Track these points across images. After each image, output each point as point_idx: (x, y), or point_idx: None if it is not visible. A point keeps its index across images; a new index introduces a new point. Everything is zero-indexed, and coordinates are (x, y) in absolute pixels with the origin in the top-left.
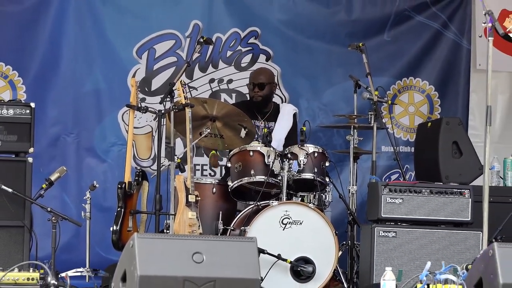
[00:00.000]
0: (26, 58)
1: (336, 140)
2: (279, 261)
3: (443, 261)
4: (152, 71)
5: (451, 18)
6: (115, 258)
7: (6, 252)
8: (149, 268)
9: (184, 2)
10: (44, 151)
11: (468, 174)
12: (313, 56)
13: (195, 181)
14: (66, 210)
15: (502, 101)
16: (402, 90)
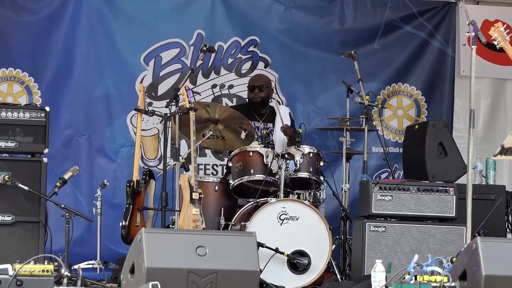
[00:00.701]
0: (41, 65)
1: (330, 141)
2: (277, 254)
3: (429, 254)
4: (159, 77)
5: (436, 28)
6: (124, 251)
7: (23, 245)
8: (156, 260)
9: (188, 13)
10: (58, 152)
11: (453, 173)
12: (309, 63)
13: (198, 179)
14: (78, 206)
15: (484, 106)
16: (391, 95)
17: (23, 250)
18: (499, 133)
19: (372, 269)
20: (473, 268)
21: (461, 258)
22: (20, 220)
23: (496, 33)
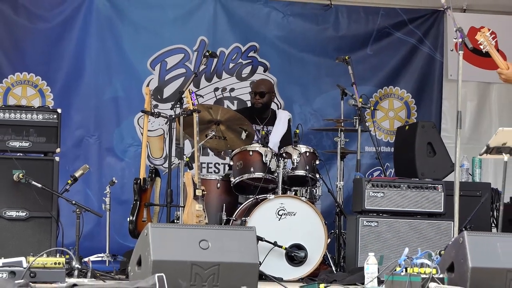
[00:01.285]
0: (53, 69)
1: (325, 141)
2: (275, 248)
3: (419, 247)
4: (164, 81)
5: (426, 34)
6: (132, 245)
7: (36, 239)
8: (161, 253)
9: (192, 21)
10: (69, 151)
11: (441, 171)
12: (305, 68)
13: (201, 177)
14: (88, 202)
15: (470, 107)
16: (383, 97)
17: (36, 243)
18: (484, 133)
19: (365, 261)
20: (460, 261)
21: (449, 251)
22: (34, 216)
23: (482, 38)
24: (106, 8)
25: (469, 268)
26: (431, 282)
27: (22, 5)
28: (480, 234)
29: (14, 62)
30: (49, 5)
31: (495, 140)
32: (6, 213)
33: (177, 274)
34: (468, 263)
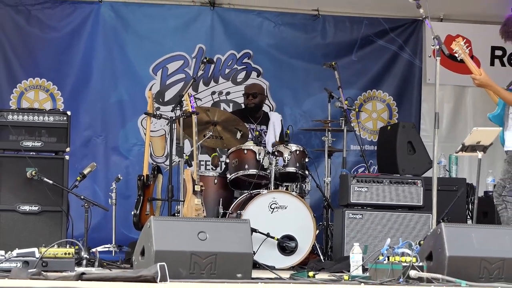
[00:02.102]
0: (63, 75)
1: (314, 140)
2: (268, 238)
3: (400, 238)
4: (165, 85)
5: (406, 42)
6: (136, 236)
7: (48, 232)
8: (163, 244)
9: (191, 30)
10: (78, 150)
11: (420, 168)
12: (295, 73)
13: (200, 174)
14: (96, 197)
15: (447, 109)
16: (367, 100)
17: (48, 235)
18: (460, 133)
19: (351, 251)
20: (438, 250)
21: (427, 241)
22: (45, 210)
23: (457, 47)
24: (112, 18)
25: (447, 257)
26: (411, 269)
27: (35, 16)
28: (457, 226)
29: (27, 68)
30: (59, 16)
31: (470, 139)
32: (20, 207)
33: (178, 263)
34: (445, 252)
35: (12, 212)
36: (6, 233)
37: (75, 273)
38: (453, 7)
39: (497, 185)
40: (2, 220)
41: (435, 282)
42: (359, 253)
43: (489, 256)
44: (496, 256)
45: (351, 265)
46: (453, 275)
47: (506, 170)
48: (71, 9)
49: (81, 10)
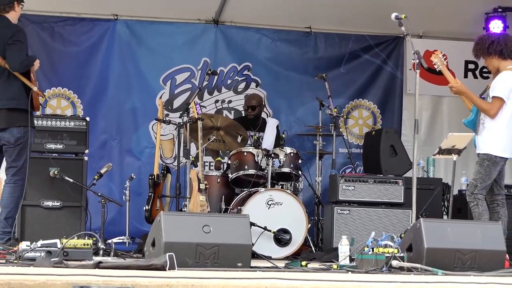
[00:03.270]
0: (83, 85)
1: (306, 144)
2: (265, 232)
3: (383, 231)
4: (174, 94)
5: (389, 56)
6: (147, 229)
7: (68, 225)
8: (172, 236)
9: (196, 45)
10: (95, 152)
11: (401, 169)
12: (290, 83)
13: (204, 173)
14: (111, 194)
15: (425, 116)
16: (354, 108)
17: (69, 228)
18: (437, 137)
19: (339, 243)
20: (417, 242)
21: (408, 234)
22: (66, 205)
23: (436, 59)
24: (126, 35)
25: (425, 249)
26: (393, 260)
27: (58, 32)
28: (434, 221)
29: (50, 79)
30: (79, 32)
31: (446, 143)
32: (44, 203)
33: (185, 254)
34: (424, 244)
35: (37, 207)
36: (31, 226)
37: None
38: (431, 25)
39: (470, 184)
40: (28, 214)
41: (415, 271)
42: (347, 245)
43: (463, 248)
44: (469, 248)
45: (340, 256)
46: (430, 264)
47: (477, 171)
48: (90, 26)
49: (99, 27)
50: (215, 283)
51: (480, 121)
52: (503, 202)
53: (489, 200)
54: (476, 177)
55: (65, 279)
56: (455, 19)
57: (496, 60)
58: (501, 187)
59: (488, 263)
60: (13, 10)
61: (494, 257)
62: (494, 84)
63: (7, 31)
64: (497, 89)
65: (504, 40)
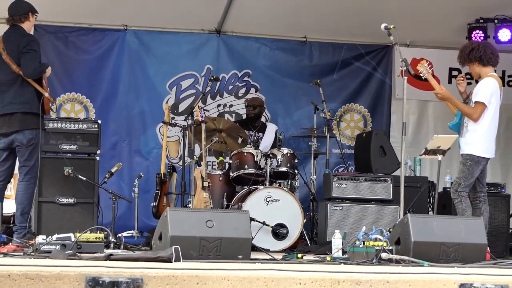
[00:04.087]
0: (95, 90)
1: (302, 145)
2: (264, 226)
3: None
4: (179, 99)
5: (378, 64)
6: (155, 224)
7: (81, 220)
8: (177, 230)
9: (200, 53)
10: (107, 152)
11: (390, 168)
12: (287, 89)
13: (208, 172)
14: (121, 191)
15: (412, 120)
16: (346, 111)
17: (82, 223)
18: (423, 139)
19: (332, 236)
20: (405, 236)
21: (396, 229)
22: (80, 202)
23: (422, 68)
24: (135, 43)
25: (412, 242)
26: (383, 252)
27: (72, 41)
28: (420, 216)
29: (65, 84)
30: (91, 42)
31: (432, 144)
32: (59, 199)
33: (189, 247)
34: (411, 238)
35: (52, 204)
36: (47, 221)
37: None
38: (418, 35)
39: (454, 182)
40: (44, 210)
41: (402, 262)
42: (340, 238)
43: (447, 241)
44: (453, 241)
45: (333, 248)
46: (417, 257)
47: (461, 170)
48: (101, 36)
49: (110, 36)
50: (217, 274)
51: (463, 124)
52: (484, 199)
53: (471, 197)
54: (459, 176)
55: (78, 270)
56: (440, 29)
57: (477, 66)
58: (483, 185)
59: (471, 256)
60: (28, 20)
61: (476, 250)
62: (476, 90)
63: (22, 40)
64: (479, 94)
65: (483, 48)
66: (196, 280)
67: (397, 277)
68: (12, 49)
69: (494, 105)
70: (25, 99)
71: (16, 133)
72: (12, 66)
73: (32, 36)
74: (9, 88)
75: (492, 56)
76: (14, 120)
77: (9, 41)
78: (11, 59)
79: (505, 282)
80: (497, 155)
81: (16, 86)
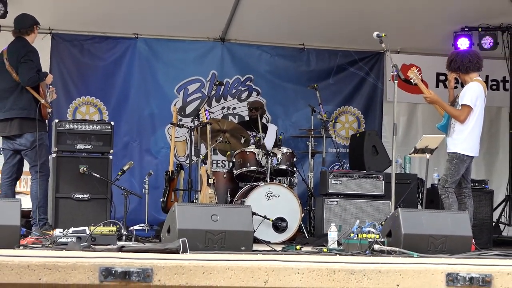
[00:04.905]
0: (108, 94)
1: (300, 144)
2: (265, 220)
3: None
4: (186, 102)
5: (371, 69)
6: (164, 218)
7: (95, 214)
8: (184, 224)
9: (206, 59)
10: (119, 152)
11: (382, 166)
12: (286, 92)
13: (213, 170)
14: (133, 188)
15: (403, 121)
16: (341, 113)
17: (96, 217)
18: (412, 139)
19: (328, 229)
20: (396, 229)
21: (387, 222)
22: (94, 197)
23: (412, 74)
24: (145, 50)
25: (402, 234)
26: (375, 244)
27: (87, 49)
28: (410, 210)
29: (80, 89)
30: (105, 49)
31: (420, 144)
32: (75, 195)
33: (195, 239)
34: (401, 230)
35: (69, 199)
36: (63, 215)
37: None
38: (408, 42)
39: (441, 179)
40: (61, 205)
41: (393, 253)
42: (335, 231)
43: (435, 234)
44: (440, 234)
45: (329, 240)
46: (407, 248)
47: (448, 168)
48: (114, 43)
49: (122, 44)
50: (221, 264)
51: (451, 125)
52: (469, 194)
53: (457, 193)
54: (446, 173)
55: (93, 261)
56: (428, 37)
57: (460, 74)
58: (468, 181)
59: (457, 247)
60: (32, 33)
61: (462, 242)
62: (462, 94)
63: (22, 51)
64: (465, 98)
65: (460, 59)
66: (202, 270)
67: (388, 267)
68: (13, 59)
69: (479, 108)
70: (23, 105)
71: (18, 137)
72: (12, 75)
73: (32, 47)
74: (9, 95)
75: (470, 65)
76: (13, 124)
77: (12, 51)
78: (12, 68)
79: (489, 271)
80: (481, 154)
81: (16, 93)
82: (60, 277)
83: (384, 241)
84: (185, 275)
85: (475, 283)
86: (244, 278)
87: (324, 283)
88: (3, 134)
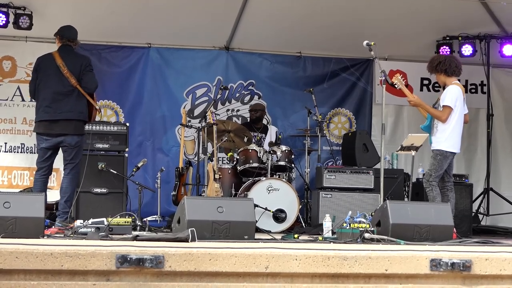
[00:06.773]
0: (124, 98)
1: (297, 143)
2: (266, 211)
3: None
4: (194, 105)
5: (361, 74)
6: (174, 210)
7: (112, 207)
8: (193, 215)
9: (212, 66)
10: (134, 150)
11: (372, 162)
12: (284, 96)
13: (219, 166)
14: (146, 183)
15: (390, 121)
16: (334, 115)
17: (113, 209)
18: (399, 137)
19: (323, 220)
20: (384, 219)
21: (377, 213)
22: (111, 191)
23: (396, 80)
24: (157, 58)
25: (390, 224)
26: (366, 233)
27: (104, 57)
28: (397, 202)
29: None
30: (121, 57)
31: (406, 142)
32: (94, 190)
33: (203, 229)
34: (389, 220)
35: (88, 193)
36: (84, 208)
37: (132, 235)
38: (394, 50)
39: (425, 174)
40: (82, 199)
41: (382, 241)
42: (329, 221)
43: (420, 223)
44: (425, 223)
45: (324, 230)
46: (395, 236)
47: (432, 163)
48: (129, 52)
49: (136, 52)
50: (226, 251)
51: (434, 125)
52: (451, 187)
53: (440, 186)
54: (431, 168)
55: (110, 249)
56: (413, 45)
57: (443, 76)
58: (450, 176)
59: (440, 235)
60: (77, 44)
61: (444, 231)
62: (443, 96)
63: (84, 60)
64: (446, 99)
65: (449, 62)
66: (209, 257)
67: (378, 253)
68: (75, 66)
69: (459, 108)
70: (81, 108)
71: (65, 136)
72: (71, 80)
73: (90, 58)
74: (64, 98)
75: (456, 69)
76: (70, 125)
77: (69, 58)
78: (71, 74)
79: (469, 257)
80: (461, 151)
81: (73, 97)
82: (80, 263)
83: (374, 230)
84: (194, 262)
85: (456, 268)
86: (247, 264)
87: (319, 268)
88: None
